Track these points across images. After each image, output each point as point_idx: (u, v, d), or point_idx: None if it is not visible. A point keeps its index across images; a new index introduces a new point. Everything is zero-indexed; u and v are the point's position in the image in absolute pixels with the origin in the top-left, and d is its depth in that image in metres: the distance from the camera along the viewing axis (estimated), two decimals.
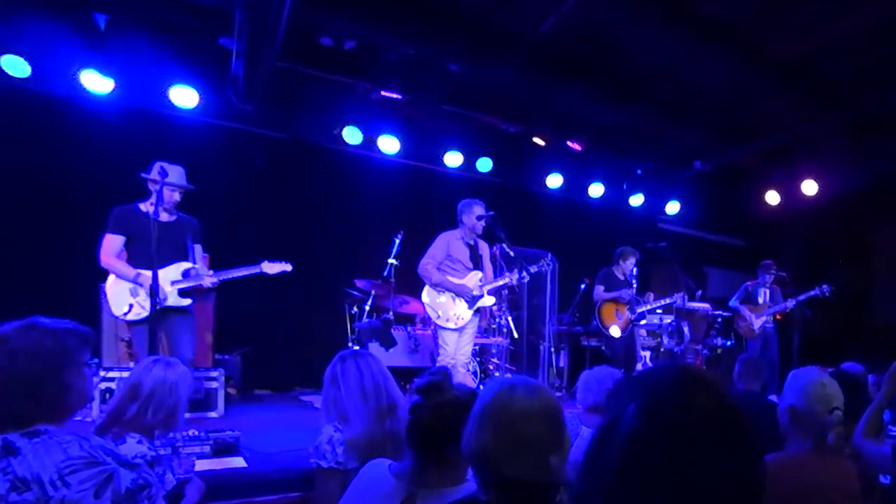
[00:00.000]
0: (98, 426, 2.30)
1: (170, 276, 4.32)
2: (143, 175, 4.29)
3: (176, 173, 4.29)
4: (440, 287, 5.26)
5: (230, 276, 4.48)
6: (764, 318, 7.31)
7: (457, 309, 5.25)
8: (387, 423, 2.36)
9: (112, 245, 4.25)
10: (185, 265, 4.42)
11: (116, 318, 4.39)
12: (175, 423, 2.44)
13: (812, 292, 7.22)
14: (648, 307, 6.68)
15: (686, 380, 0.86)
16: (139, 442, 2.24)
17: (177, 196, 4.37)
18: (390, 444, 2.21)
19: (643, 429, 0.81)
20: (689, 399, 0.83)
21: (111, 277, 4.29)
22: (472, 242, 5.42)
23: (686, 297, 6.82)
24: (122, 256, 4.34)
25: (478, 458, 1.42)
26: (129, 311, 4.23)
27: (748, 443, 0.84)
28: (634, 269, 6.62)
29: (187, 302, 4.42)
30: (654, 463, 0.80)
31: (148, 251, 3.88)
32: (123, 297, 4.24)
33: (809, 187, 8.32)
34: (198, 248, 4.54)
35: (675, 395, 0.84)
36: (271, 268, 4.60)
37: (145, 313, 4.17)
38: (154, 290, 3.76)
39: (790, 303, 7.30)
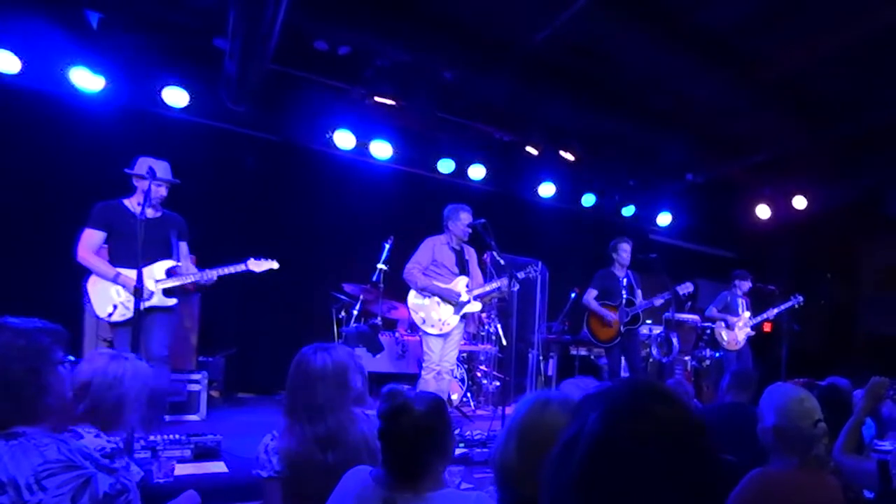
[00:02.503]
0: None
1: (154, 274, 4.21)
2: (129, 171, 4.21)
3: (161, 168, 4.19)
4: (426, 291, 5.22)
5: (216, 274, 4.36)
6: (747, 330, 7.34)
7: (441, 314, 5.21)
8: (329, 455, 2.12)
9: (91, 240, 4.13)
10: (169, 263, 4.31)
11: (100, 319, 4.25)
12: (120, 420, 2.21)
13: (787, 304, 7.28)
14: (641, 307, 6.47)
15: (643, 390, 0.90)
16: (96, 436, 2.12)
17: (163, 191, 4.27)
18: (326, 478, 1.95)
19: (603, 436, 0.84)
20: (646, 406, 0.86)
21: (93, 276, 4.16)
22: (458, 248, 5.39)
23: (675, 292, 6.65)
24: (103, 253, 4.22)
25: (500, 473, 1.38)
26: (114, 312, 4.10)
27: (705, 448, 0.86)
28: (625, 280, 6.49)
29: (172, 302, 4.31)
30: (614, 468, 0.82)
31: (132, 248, 3.77)
32: (107, 298, 4.11)
33: (799, 202, 8.40)
34: (183, 246, 4.43)
35: (633, 403, 0.87)
36: (257, 265, 4.49)
37: (129, 314, 4.00)
38: (139, 291, 3.65)
39: (771, 312, 7.34)
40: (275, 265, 4.56)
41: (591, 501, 0.82)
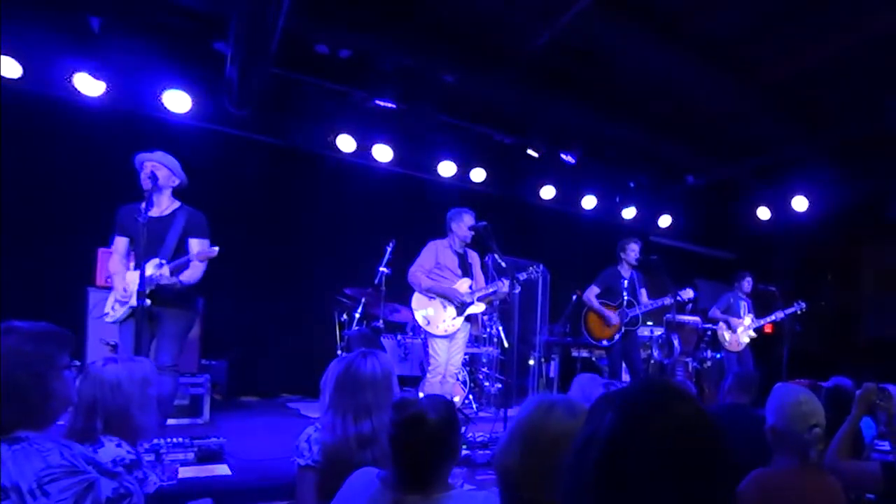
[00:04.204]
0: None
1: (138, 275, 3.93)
2: (141, 177, 4.16)
3: (154, 156, 4.13)
4: (430, 293, 5.23)
5: (168, 271, 4.03)
6: (750, 332, 7.34)
7: (446, 316, 5.23)
8: (367, 453, 2.21)
9: (117, 247, 4.17)
10: (158, 262, 4.10)
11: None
12: (132, 425, 2.15)
13: (791, 309, 7.31)
14: (641, 310, 6.44)
15: (661, 389, 0.90)
16: (118, 445, 2.09)
17: (163, 173, 4.09)
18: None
19: (620, 434, 0.84)
20: (664, 405, 0.87)
21: None
22: (461, 251, 5.40)
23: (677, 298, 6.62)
24: (131, 258, 4.23)
25: (502, 475, 1.37)
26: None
27: (720, 448, 0.87)
28: (626, 281, 6.48)
29: (147, 301, 3.91)
30: (631, 466, 0.82)
31: (139, 251, 3.77)
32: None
33: (800, 203, 8.40)
34: (195, 242, 4.23)
35: (651, 402, 0.88)
36: (198, 256, 4.09)
37: (116, 315, 4.04)
38: (141, 290, 3.60)
39: (773, 317, 7.36)
40: (214, 252, 4.11)
41: (610, 500, 0.83)
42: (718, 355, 7.84)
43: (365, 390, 2.31)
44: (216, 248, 4.15)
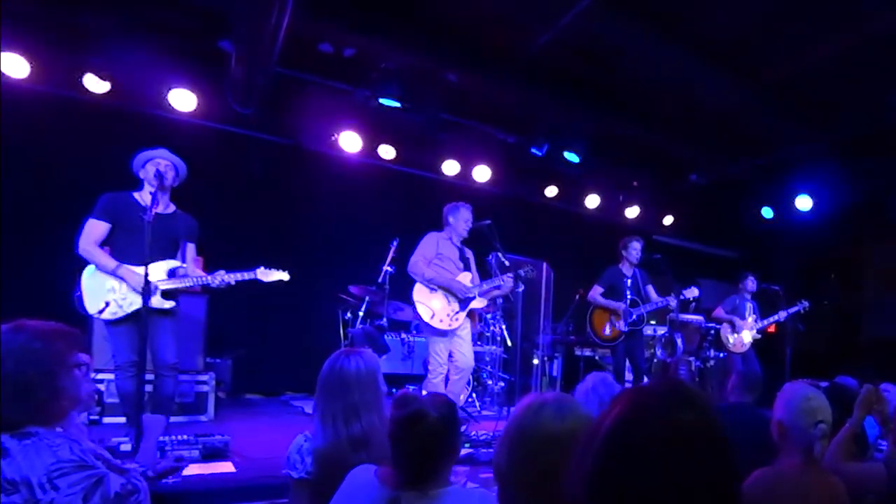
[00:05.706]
0: None
1: (154, 274, 3.93)
2: (140, 176, 4.17)
3: (161, 154, 4.12)
4: (433, 283, 5.12)
5: (220, 279, 4.20)
6: (753, 333, 7.34)
7: (450, 309, 5.15)
8: (362, 454, 2.14)
9: (94, 231, 3.96)
10: (172, 264, 4.15)
11: (89, 315, 4.00)
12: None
13: (794, 308, 7.32)
14: (646, 309, 6.40)
15: (673, 394, 0.87)
16: None
17: (171, 173, 4.12)
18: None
19: (621, 431, 0.83)
20: (670, 410, 0.84)
21: (88, 269, 3.97)
22: (459, 245, 5.37)
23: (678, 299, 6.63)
24: (105, 247, 4.06)
25: (497, 475, 1.38)
26: (104, 309, 3.89)
27: (726, 461, 0.84)
28: (629, 280, 6.49)
29: (169, 304, 4.10)
30: (627, 469, 0.80)
31: (137, 244, 3.63)
32: (100, 293, 3.91)
33: (803, 203, 8.39)
34: (191, 247, 4.31)
35: (661, 406, 0.85)
36: (266, 275, 4.34)
37: (122, 313, 3.89)
38: (146, 288, 3.53)
39: (777, 317, 7.35)
40: (285, 276, 4.40)
41: (600, 495, 0.82)
42: (722, 354, 7.83)
43: (352, 390, 2.26)
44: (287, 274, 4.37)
